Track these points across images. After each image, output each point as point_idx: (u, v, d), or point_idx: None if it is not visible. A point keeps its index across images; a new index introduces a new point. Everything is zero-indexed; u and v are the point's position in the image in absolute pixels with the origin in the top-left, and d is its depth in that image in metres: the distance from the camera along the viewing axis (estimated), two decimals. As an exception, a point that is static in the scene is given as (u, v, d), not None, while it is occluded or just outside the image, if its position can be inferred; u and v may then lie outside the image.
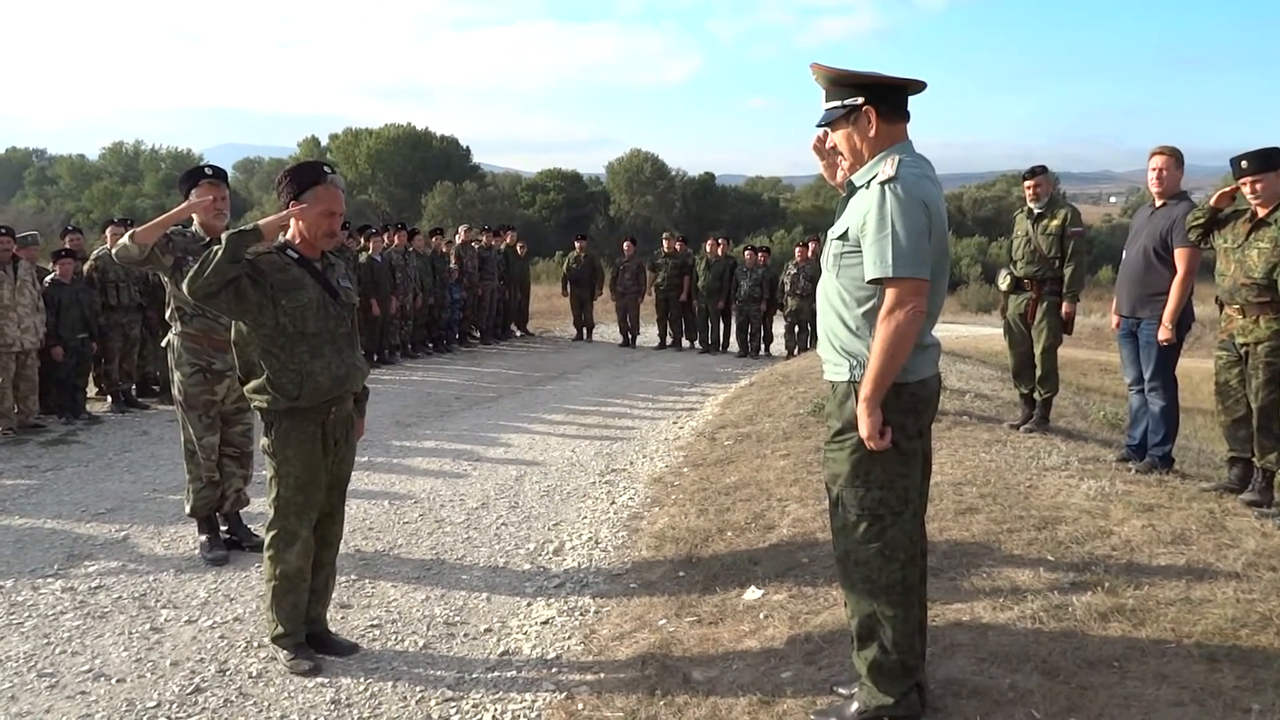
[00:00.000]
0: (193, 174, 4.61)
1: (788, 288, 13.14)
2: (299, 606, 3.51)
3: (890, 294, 2.52)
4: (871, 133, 2.66)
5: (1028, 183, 6.32)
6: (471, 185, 50.83)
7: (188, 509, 4.69)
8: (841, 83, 2.69)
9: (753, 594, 3.83)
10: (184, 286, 3.31)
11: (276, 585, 3.48)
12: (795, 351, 12.96)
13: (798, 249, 13.75)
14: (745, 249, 14.25)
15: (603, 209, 54.43)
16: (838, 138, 2.75)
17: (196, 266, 3.23)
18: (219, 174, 4.65)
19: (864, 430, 2.56)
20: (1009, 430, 6.41)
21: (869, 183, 2.62)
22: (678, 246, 14.29)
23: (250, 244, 3.27)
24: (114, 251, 4.46)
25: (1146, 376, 5.38)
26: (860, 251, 2.58)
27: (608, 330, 15.05)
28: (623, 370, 11.72)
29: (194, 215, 4.54)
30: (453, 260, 13.02)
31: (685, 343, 14.11)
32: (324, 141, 58.78)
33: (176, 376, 4.62)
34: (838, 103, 2.70)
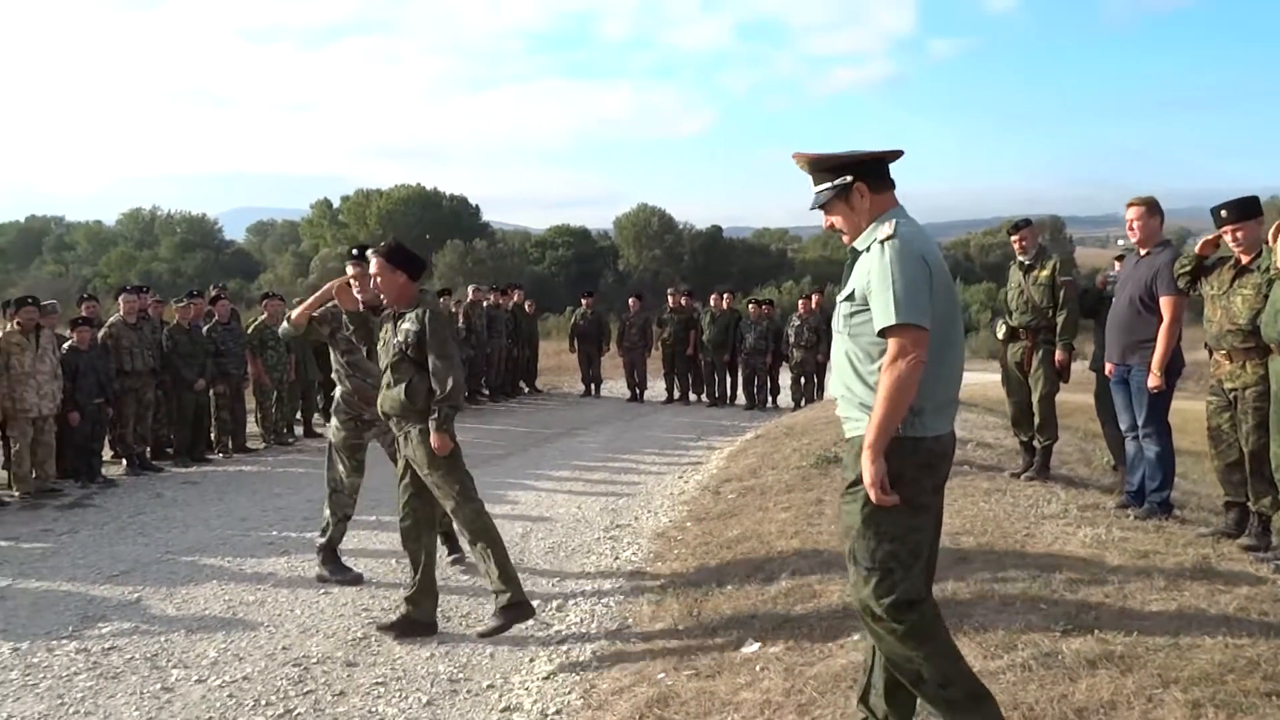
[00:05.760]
0: (348, 255, 5.19)
1: (792, 339, 13.26)
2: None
3: (893, 344, 2.59)
4: (866, 205, 2.78)
5: (1013, 236, 6.48)
6: (481, 243, 51.42)
7: (322, 541, 5.25)
8: (826, 166, 2.81)
9: (750, 647, 3.89)
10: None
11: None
12: (802, 403, 13.05)
13: (801, 302, 13.91)
14: (749, 302, 14.43)
15: (611, 264, 54.94)
16: (835, 216, 2.86)
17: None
18: (361, 255, 4.98)
19: (867, 479, 2.59)
20: (1009, 479, 6.47)
21: (869, 245, 2.73)
22: (683, 301, 14.47)
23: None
24: (279, 330, 5.31)
25: (1140, 423, 5.46)
26: (868, 309, 2.68)
27: (616, 385, 15.19)
28: (630, 425, 11.83)
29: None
30: (461, 319, 13.21)
31: (693, 396, 14.22)
32: (335, 203, 59.70)
33: (333, 423, 5.36)
34: (828, 184, 2.81)
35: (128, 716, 3.63)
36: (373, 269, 4.43)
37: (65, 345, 8.14)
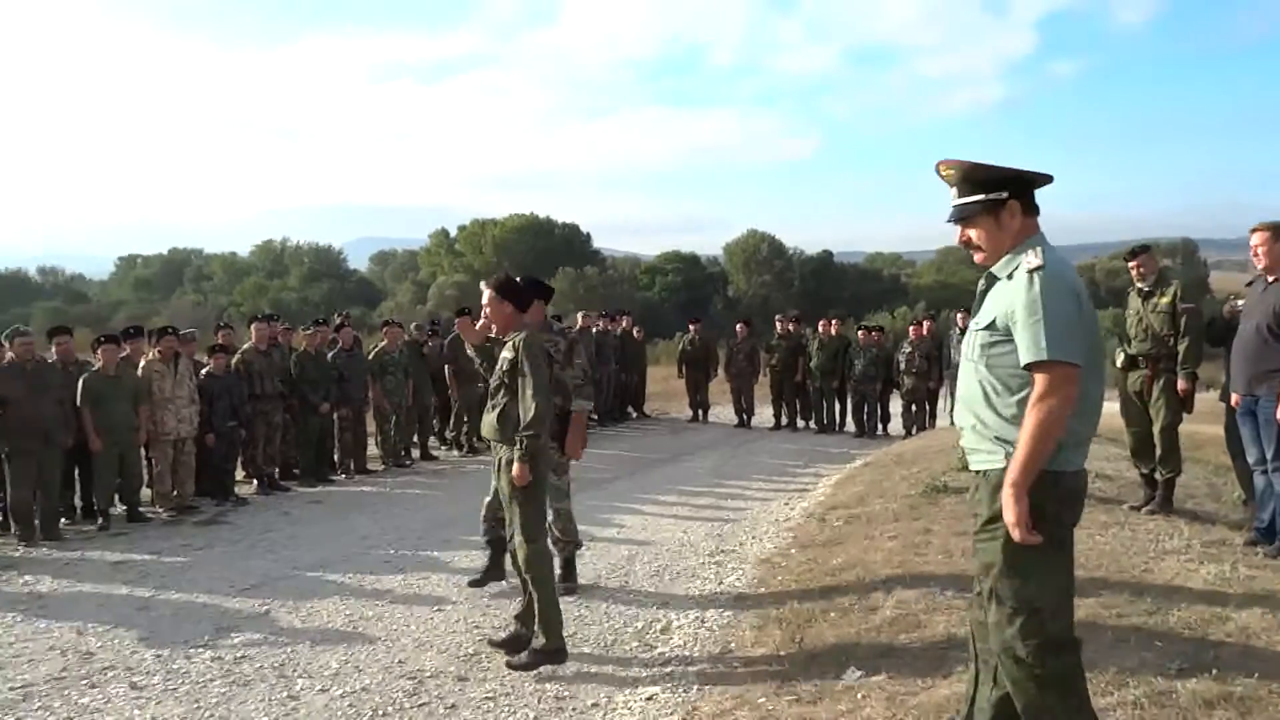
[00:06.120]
0: None
1: (903, 366, 13.04)
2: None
3: (1042, 380, 2.52)
4: (1015, 226, 2.71)
5: (1131, 263, 6.32)
6: (592, 270, 52.25)
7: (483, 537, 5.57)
8: (981, 178, 2.73)
9: (852, 675, 3.89)
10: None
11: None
12: (914, 431, 12.81)
13: (912, 328, 13.67)
14: (859, 329, 14.27)
15: (721, 289, 55.04)
16: (975, 231, 2.77)
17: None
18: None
19: (1010, 517, 2.53)
20: (1129, 512, 6.26)
21: (1013, 273, 2.66)
22: (791, 327, 14.41)
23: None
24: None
25: (1269, 456, 5.22)
26: (1009, 340, 2.61)
27: (723, 411, 15.20)
28: (737, 451, 11.84)
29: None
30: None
31: (800, 423, 14.11)
32: (453, 232, 61.65)
33: None
34: (979, 196, 2.73)
35: (257, 721, 3.87)
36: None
37: (202, 371, 8.69)
